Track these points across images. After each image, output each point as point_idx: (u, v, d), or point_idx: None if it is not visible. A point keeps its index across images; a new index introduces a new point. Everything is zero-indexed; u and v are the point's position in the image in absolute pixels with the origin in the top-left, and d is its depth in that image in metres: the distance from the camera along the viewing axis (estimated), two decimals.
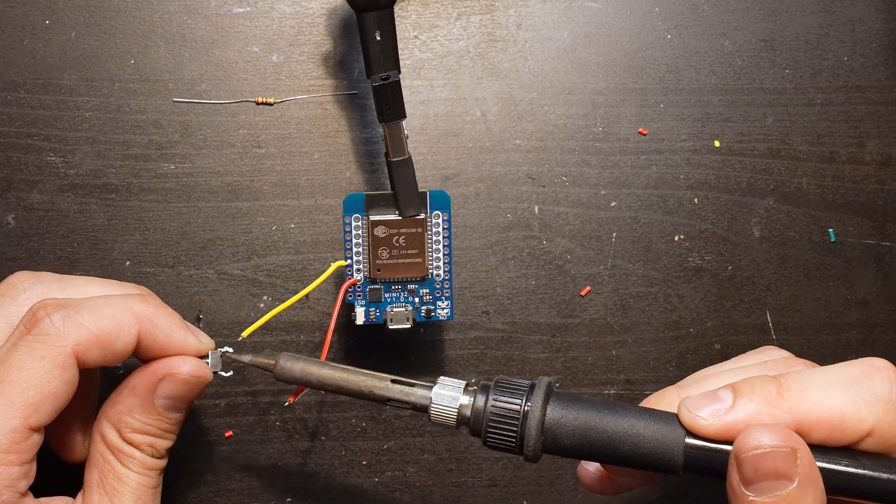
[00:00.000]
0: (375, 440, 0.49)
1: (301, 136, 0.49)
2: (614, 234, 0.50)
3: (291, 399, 0.43)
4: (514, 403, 0.36)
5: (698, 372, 0.41)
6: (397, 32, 0.44)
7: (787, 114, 0.51)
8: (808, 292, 0.51)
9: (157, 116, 0.48)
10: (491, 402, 0.36)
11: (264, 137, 0.49)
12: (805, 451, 0.33)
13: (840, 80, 0.51)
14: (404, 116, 0.44)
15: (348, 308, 0.46)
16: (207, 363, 0.42)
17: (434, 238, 0.46)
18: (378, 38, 0.43)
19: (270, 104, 0.49)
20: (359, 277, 0.46)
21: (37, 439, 0.38)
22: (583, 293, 0.50)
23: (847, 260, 0.51)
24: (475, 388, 0.37)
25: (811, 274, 0.51)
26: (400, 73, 0.44)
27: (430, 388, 0.37)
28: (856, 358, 0.50)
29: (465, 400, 0.37)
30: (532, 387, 0.36)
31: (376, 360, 0.49)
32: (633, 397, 0.50)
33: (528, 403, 0.36)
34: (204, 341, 0.42)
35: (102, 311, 0.39)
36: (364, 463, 0.49)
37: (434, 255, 0.46)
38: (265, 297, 0.49)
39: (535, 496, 0.50)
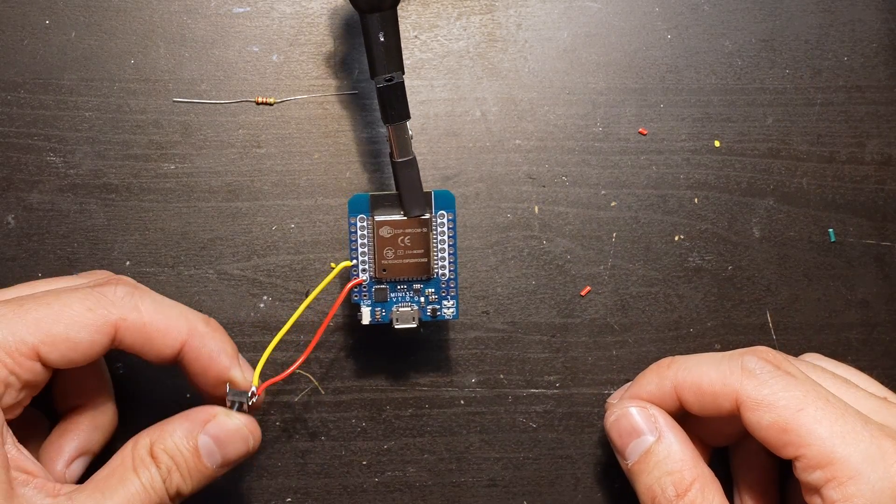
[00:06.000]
0: (375, 440, 0.49)
1: (301, 136, 0.49)
2: (614, 234, 0.50)
3: (259, 391, 0.43)
4: None
5: None
6: None
7: (787, 114, 0.51)
8: (808, 292, 0.51)
9: (157, 116, 0.48)
10: None
11: (264, 137, 0.49)
12: None
13: (840, 80, 0.51)
14: (409, 117, 0.44)
15: (354, 308, 0.46)
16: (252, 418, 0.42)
17: (439, 238, 0.46)
18: (382, 40, 0.43)
19: (270, 104, 0.49)
20: (364, 277, 0.45)
21: (37, 370, 0.38)
22: (583, 293, 0.50)
23: (847, 260, 0.51)
24: None
25: (811, 274, 0.51)
26: (404, 73, 0.44)
27: None
28: (856, 358, 0.51)
29: None
30: None
31: (381, 360, 0.49)
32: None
33: None
34: (246, 377, 0.43)
35: (164, 308, 0.41)
36: (364, 463, 0.49)
37: (439, 255, 0.46)
38: (265, 297, 0.48)
39: (535, 496, 0.50)
